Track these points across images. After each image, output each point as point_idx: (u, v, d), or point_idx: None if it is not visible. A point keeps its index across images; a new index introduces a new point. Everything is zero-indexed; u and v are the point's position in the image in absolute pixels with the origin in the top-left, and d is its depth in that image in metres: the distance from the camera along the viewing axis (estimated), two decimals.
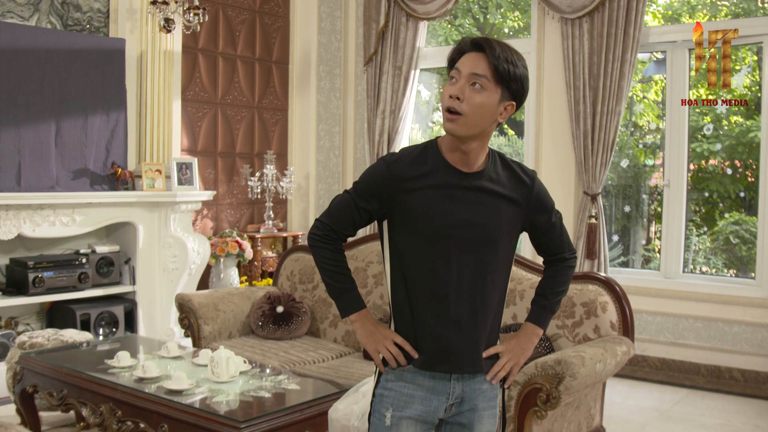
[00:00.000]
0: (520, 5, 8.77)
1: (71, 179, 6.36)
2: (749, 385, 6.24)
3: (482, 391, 2.51)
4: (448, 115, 2.35)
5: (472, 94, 2.32)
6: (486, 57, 2.31)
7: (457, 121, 2.33)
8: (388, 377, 2.50)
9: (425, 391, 2.46)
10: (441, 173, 2.40)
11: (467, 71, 2.32)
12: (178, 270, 6.83)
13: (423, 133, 8.96)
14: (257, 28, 8.16)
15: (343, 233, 2.52)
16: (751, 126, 7.02)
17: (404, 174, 2.40)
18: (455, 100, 2.32)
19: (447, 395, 2.47)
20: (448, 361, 2.44)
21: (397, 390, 2.48)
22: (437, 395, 2.47)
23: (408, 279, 2.44)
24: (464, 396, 2.49)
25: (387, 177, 2.41)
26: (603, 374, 3.96)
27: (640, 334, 6.57)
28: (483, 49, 2.33)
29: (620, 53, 6.55)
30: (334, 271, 2.51)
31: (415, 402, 2.46)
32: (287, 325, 5.47)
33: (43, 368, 4.31)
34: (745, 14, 6.91)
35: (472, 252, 2.40)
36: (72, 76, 6.33)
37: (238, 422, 3.33)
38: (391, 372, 2.49)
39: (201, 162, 7.56)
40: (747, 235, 7.11)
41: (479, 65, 2.31)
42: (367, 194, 2.45)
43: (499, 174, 2.45)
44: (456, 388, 2.47)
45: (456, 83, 2.34)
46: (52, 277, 6.19)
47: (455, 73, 2.35)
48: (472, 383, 2.49)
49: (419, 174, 2.40)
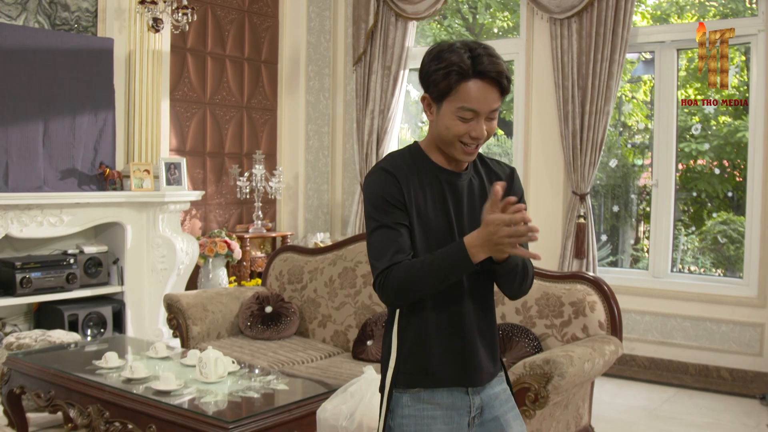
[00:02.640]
0: (509, 5, 8.78)
1: (59, 179, 6.34)
2: (737, 383, 6.26)
3: (497, 395, 2.42)
4: (467, 149, 2.24)
5: (490, 125, 2.24)
6: (496, 87, 2.19)
7: (476, 151, 2.28)
8: (402, 403, 2.33)
9: (445, 409, 2.33)
10: (432, 174, 2.31)
11: (486, 110, 2.20)
12: (166, 270, 6.82)
13: (412, 133, 8.96)
14: (246, 27, 8.15)
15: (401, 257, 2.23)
16: (739, 126, 7.05)
17: (403, 178, 2.28)
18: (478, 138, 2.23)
19: (468, 409, 2.35)
20: (470, 375, 2.33)
21: (416, 415, 2.32)
22: (458, 411, 2.34)
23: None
24: (483, 405, 2.38)
25: (394, 184, 2.25)
26: (591, 373, 3.96)
27: (629, 334, 6.59)
28: (492, 79, 2.18)
29: (609, 53, 6.57)
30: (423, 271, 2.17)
31: (437, 423, 2.32)
32: (276, 325, 5.46)
33: (30, 369, 4.30)
34: (734, 15, 6.93)
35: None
36: (60, 75, 6.31)
37: (227, 423, 3.32)
38: (405, 394, 2.33)
39: (189, 162, 7.55)
40: (735, 234, 7.13)
41: (495, 99, 2.20)
42: (391, 208, 2.25)
43: (480, 170, 2.39)
44: (475, 399, 2.36)
45: (474, 123, 2.20)
46: (40, 277, 6.17)
47: (469, 114, 2.19)
48: (487, 390, 2.39)
49: (414, 176, 2.29)
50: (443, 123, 2.24)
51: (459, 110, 2.19)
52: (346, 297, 5.43)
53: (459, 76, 2.17)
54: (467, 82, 2.17)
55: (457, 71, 2.17)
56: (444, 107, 2.22)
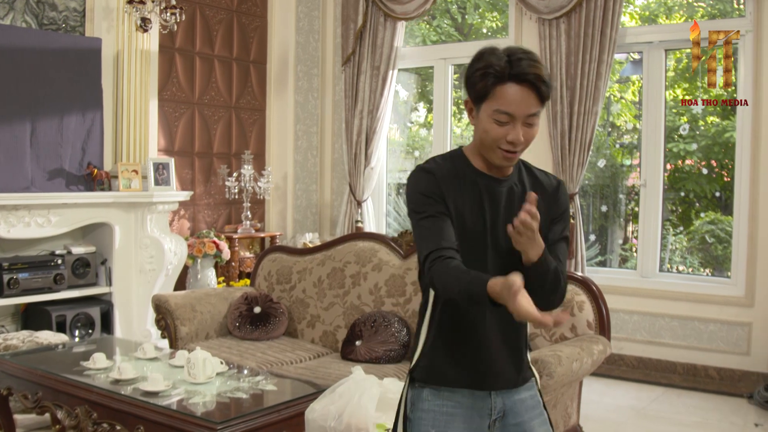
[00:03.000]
0: (498, 6, 8.79)
1: (47, 179, 6.31)
2: (725, 382, 6.28)
3: (523, 401, 2.38)
4: (506, 155, 2.21)
5: (529, 131, 2.20)
6: (535, 91, 2.15)
7: (515, 156, 2.24)
8: (422, 396, 2.34)
9: (466, 408, 2.32)
10: (471, 179, 2.28)
11: (523, 114, 2.16)
12: (154, 271, 6.80)
13: (401, 134, 8.97)
14: (235, 27, 8.13)
15: (448, 249, 2.21)
16: (727, 126, 7.08)
17: (442, 178, 2.26)
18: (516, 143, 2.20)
19: (489, 411, 2.33)
20: (485, 379, 2.32)
21: (435, 410, 2.32)
22: (479, 412, 2.33)
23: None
24: (506, 409, 2.35)
25: (433, 181, 2.26)
26: (579, 373, 3.97)
27: (617, 333, 6.60)
28: (531, 83, 2.14)
29: (597, 54, 6.58)
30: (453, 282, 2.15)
31: (456, 421, 2.32)
32: (264, 325, 5.45)
33: (18, 370, 4.28)
34: (721, 15, 6.96)
35: (508, 255, 2.23)
36: (47, 75, 6.28)
37: (215, 423, 3.31)
38: (426, 387, 2.34)
39: (178, 162, 7.53)
40: (723, 234, 7.16)
41: (532, 104, 2.16)
42: (431, 202, 2.24)
43: (524, 179, 2.35)
44: (497, 402, 2.34)
45: (508, 126, 2.18)
46: (28, 278, 6.14)
47: (505, 117, 2.16)
48: (510, 394, 2.36)
49: (453, 178, 2.28)
50: (482, 126, 2.22)
51: (495, 113, 2.17)
52: (335, 297, 5.43)
53: (495, 78, 2.15)
54: (503, 85, 2.15)
55: (494, 73, 2.15)
56: (482, 110, 2.21)
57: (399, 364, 4.79)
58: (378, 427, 3.17)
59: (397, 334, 4.87)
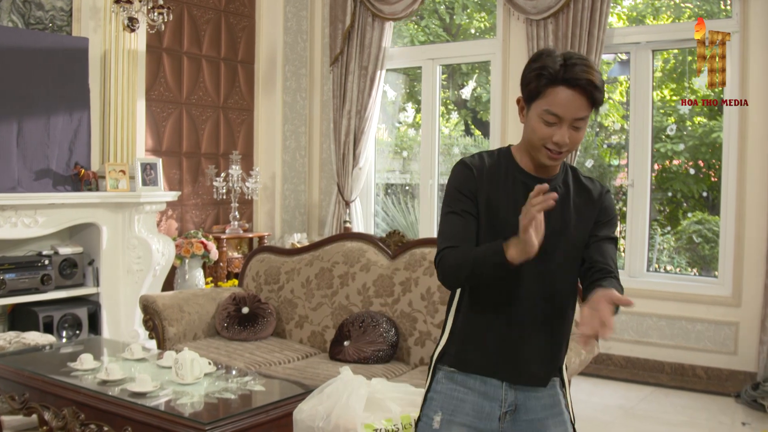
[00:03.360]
0: (485, 6, 8.80)
1: (33, 180, 6.28)
2: (712, 382, 6.31)
3: (539, 398, 2.38)
4: (551, 154, 2.24)
5: (575, 134, 2.23)
6: (586, 96, 2.18)
7: (559, 159, 2.27)
8: (437, 378, 2.40)
9: (477, 395, 2.35)
10: (515, 176, 2.32)
11: (570, 117, 2.19)
12: (142, 271, 6.78)
13: (389, 134, 8.97)
14: (222, 27, 8.12)
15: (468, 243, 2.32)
16: (714, 126, 7.10)
17: (482, 173, 2.32)
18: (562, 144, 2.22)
19: (500, 402, 2.34)
20: (506, 369, 2.33)
21: (446, 393, 2.37)
22: (489, 400, 2.34)
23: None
24: (518, 404, 2.35)
25: (470, 176, 2.32)
26: (567, 372, 3.97)
27: None
28: (582, 88, 2.17)
29: (585, 54, 6.60)
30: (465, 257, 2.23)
31: (465, 406, 2.34)
32: (253, 326, 5.45)
33: (4, 371, 4.26)
34: (708, 16, 6.99)
35: (543, 253, 2.19)
36: (34, 75, 6.25)
37: (203, 424, 3.31)
38: (441, 370, 2.40)
39: (166, 162, 7.51)
40: (710, 234, 7.19)
41: (582, 108, 2.20)
42: (461, 197, 2.32)
43: (569, 182, 2.39)
44: (509, 395, 2.34)
45: (555, 126, 2.21)
46: (14, 279, 6.12)
47: (553, 118, 2.20)
48: (527, 391, 2.36)
49: (494, 174, 2.33)
50: (530, 125, 2.25)
51: (544, 113, 2.20)
52: (323, 298, 5.42)
53: (548, 80, 2.18)
54: (555, 87, 2.18)
55: (547, 75, 2.18)
56: (532, 109, 2.24)
57: (387, 364, 4.79)
58: (366, 427, 3.17)
59: (385, 335, 4.87)
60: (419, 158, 8.17)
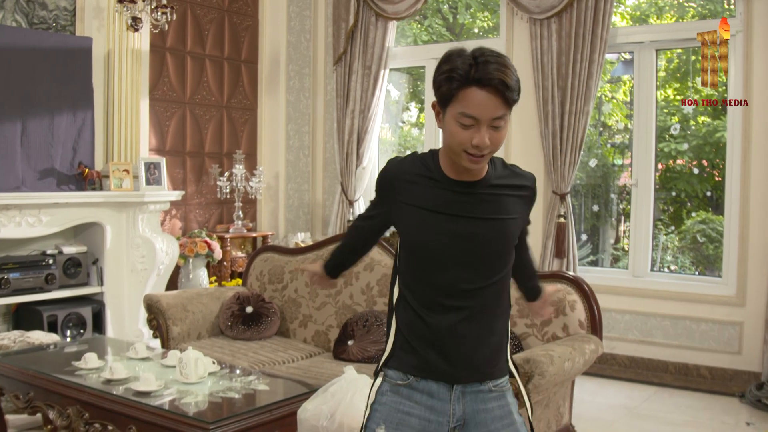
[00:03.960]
0: (489, 5, 8.80)
1: (37, 179, 6.29)
2: (716, 382, 6.30)
3: (488, 410, 2.30)
4: (472, 158, 2.16)
5: (495, 134, 2.14)
6: (500, 95, 2.10)
7: (481, 161, 2.19)
8: (382, 390, 2.32)
9: (423, 409, 2.27)
10: (437, 181, 2.27)
11: (487, 117, 2.11)
12: (146, 270, 6.78)
13: (393, 133, 8.97)
14: (226, 27, 8.12)
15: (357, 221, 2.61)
16: (718, 126, 7.09)
17: (398, 177, 2.31)
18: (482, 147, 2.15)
19: (447, 416, 2.27)
20: (446, 365, 2.27)
21: (391, 405, 2.29)
22: (437, 415, 2.27)
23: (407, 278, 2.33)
24: (467, 418, 2.28)
25: (386, 180, 2.35)
26: (571, 372, 3.97)
27: (609, 333, 6.61)
28: (494, 87, 2.09)
29: (588, 53, 6.59)
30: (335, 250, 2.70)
31: (412, 420, 2.27)
32: (256, 325, 5.45)
33: (9, 371, 4.26)
34: (712, 15, 6.98)
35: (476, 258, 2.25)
36: (38, 74, 6.26)
37: (207, 423, 3.31)
38: (386, 383, 2.32)
39: (169, 162, 7.51)
40: (714, 233, 7.18)
41: (498, 108, 2.11)
42: (374, 201, 2.46)
43: (498, 177, 2.32)
44: (456, 409, 2.27)
45: (472, 129, 2.13)
46: (19, 278, 6.13)
47: (469, 120, 2.12)
48: (474, 403, 2.29)
49: (415, 177, 2.29)
50: (448, 129, 2.17)
51: (459, 116, 2.12)
52: (327, 297, 5.42)
53: (459, 82, 2.11)
54: (468, 88, 2.11)
55: (458, 77, 2.11)
56: (448, 113, 2.16)
57: None
58: None
59: None
60: None
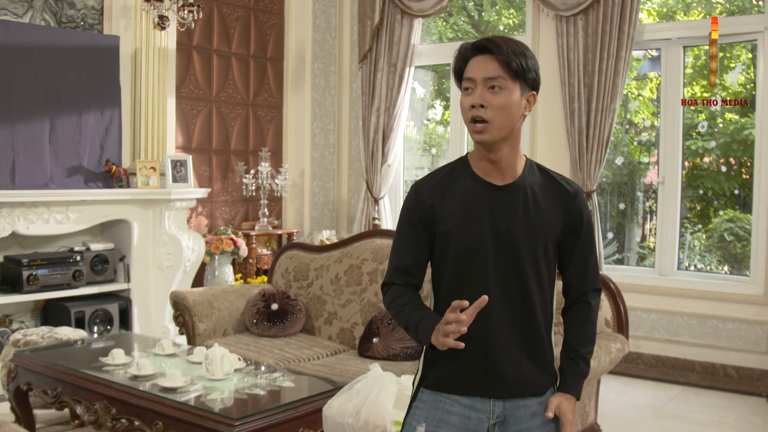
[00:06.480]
0: (514, 3, 8.76)
1: (65, 177, 6.35)
2: (743, 382, 6.25)
3: (527, 406, 2.30)
4: (475, 126, 2.22)
5: (493, 97, 2.20)
6: (494, 57, 2.20)
7: (485, 130, 2.21)
8: (423, 389, 2.33)
9: (463, 407, 2.28)
10: (466, 183, 2.30)
11: (481, 76, 2.21)
12: (172, 267, 6.82)
13: (418, 131, 8.96)
14: (252, 25, 8.15)
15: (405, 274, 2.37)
16: (746, 123, 7.03)
17: (434, 192, 2.32)
18: (478, 108, 2.21)
19: (487, 413, 2.27)
20: (489, 385, 2.26)
21: (431, 403, 2.31)
22: (477, 412, 2.27)
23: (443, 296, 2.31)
24: (506, 415, 2.28)
25: (415, 202, 2.34)
26: (597, 371, 3.96)
27: (635, 331, 6.58)
28: (489, 51, 2.22)
29: (615, 51, 6.55)
30: (397, 312, 2.34)
31: (452, 418, 2.28)
32: (282, 322, 5.47)
33: (37, 366, 4.30)
34: (740, 12, 6.91)
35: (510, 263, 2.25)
36: (66, 73, 6.32)
37: (233, 419, 3.32)
38: (424, 386, 2.33)
39: (195, 159, 7.55)
40: (741, 232, 7.12)
41: (490, 67, 2.21)
42: (409, 225, 2.36)
43: (536, 182, 2.32)
44: (496, 407, 2.28)
45: (472, 92, 2.23)
46: (47, 274, 6.18)
47: (468, 83, 2.24)
48: (515, 402, 2.29)
49: (445, 187, 2.31)
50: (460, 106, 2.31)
51: (462, 85, 2.28)
52: (352, 294, 5.43)
53: (463, 62, 2.29)
54: (468, 60, 2.28)
55: (461, 56, 2.30)
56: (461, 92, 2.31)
57: (416, 361, 4.79)
58: (395, 424, 3.17)
59: None
60: (448, 155, 8.16)
